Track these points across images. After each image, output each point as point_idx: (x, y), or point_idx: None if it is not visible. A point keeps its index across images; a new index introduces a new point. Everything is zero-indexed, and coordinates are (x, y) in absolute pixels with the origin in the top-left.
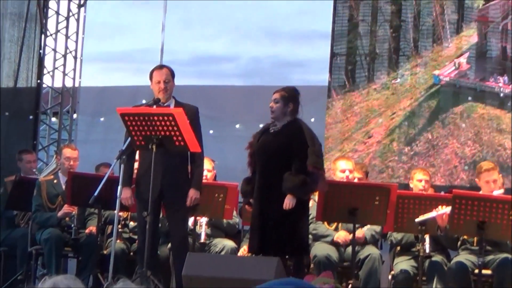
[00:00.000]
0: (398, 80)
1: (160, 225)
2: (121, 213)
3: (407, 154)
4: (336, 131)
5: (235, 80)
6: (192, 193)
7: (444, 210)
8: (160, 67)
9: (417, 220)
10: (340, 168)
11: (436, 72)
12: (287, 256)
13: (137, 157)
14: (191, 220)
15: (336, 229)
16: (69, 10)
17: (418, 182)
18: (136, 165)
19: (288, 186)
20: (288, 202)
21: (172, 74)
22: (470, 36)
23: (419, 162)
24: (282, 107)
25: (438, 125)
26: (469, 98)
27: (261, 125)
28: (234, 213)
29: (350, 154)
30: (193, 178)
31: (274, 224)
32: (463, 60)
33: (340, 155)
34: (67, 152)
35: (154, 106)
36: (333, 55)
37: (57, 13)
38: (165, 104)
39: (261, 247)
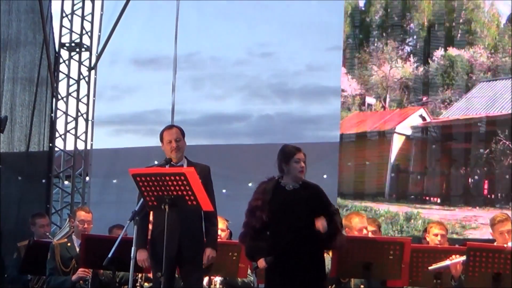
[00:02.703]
0: None
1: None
2: None
3: None
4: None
5: (246, 138)
6: (209, 252)
7: (458, 259)
8: (170, 127)
9: (430, 268)
10: (358, 227)
11: None
12: None
13: (151, 218)
14: (205, 280)
15: (349, 283)
16: (79, 73)
17: (434, 236)
18: (150, 226)
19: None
20: (323, 225)
21: (182, 133)
22: None
23: None
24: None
25: None
26: None
27: None
28: (249, 271)
29: None
30: (209, 237)
31: (311, 280)
32: None
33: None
34: (81, 214)
35: (167, 166)
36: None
37: (68, 76)
38: (178, 164)
39: None
